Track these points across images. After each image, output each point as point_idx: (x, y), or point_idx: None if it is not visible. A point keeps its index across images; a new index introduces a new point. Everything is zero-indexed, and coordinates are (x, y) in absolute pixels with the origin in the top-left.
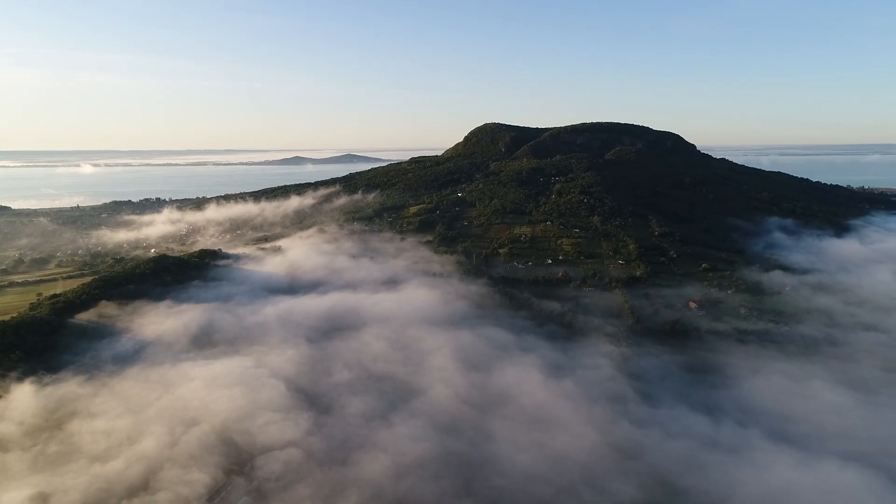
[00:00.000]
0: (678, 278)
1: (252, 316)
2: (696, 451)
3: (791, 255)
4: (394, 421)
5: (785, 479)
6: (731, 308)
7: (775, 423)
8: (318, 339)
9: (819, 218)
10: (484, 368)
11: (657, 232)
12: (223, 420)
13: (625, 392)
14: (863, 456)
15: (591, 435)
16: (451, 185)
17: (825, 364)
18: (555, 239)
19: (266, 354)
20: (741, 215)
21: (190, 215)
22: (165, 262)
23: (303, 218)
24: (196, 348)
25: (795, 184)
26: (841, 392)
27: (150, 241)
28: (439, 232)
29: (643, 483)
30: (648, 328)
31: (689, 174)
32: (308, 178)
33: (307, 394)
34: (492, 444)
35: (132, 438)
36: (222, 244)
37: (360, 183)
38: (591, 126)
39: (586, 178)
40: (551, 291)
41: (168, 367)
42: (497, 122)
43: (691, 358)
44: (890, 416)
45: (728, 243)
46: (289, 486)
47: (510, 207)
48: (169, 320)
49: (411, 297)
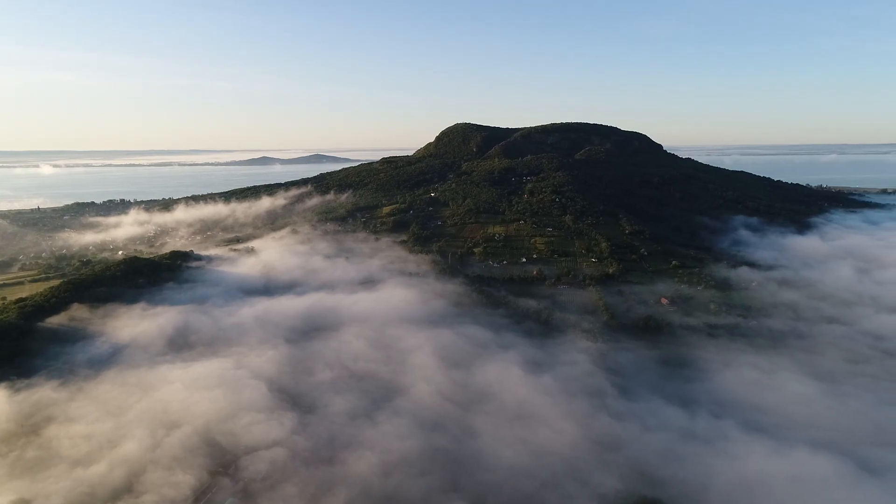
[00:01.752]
0: (649, 275)
1: (229, 317)
2: (674, 442)
3: (756, 251)
4: (378, 419)
5: (759, 467)
6: (702, 304)
7: (748, 413)
8: (298, 339)
9: (782, 216)
10: (465, 366)
11: (628, 230)
12: (205, 422)
13: (603, 387)
14: (831, 443)
15: (571, 429)
16: (423, 185)
17: (792, 356)
18: (528, 238)
19: (245, 356)
20: (708, 213)
21: (158, 216)
22: (137, 265)
23: (275, 218)
24: (173, 351)
25: (758, 183)
26: (808, 383)
27: (117, 243)
28: (414, 232)
29: (624, 474)
30: (623, 324)
31: (656, 173)
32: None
33: (289, 394)
34: (476, 440)
35: (113, 442)
36: (193, 246)
37: (331, 183)
38: (561, 126)
39: (557, 177)
40: (527, 289)
41: (146, 370)
42: (468, 123)
43: (665, 352)
44: (854, 406)
45: (696, 241)
46: (276, 486)
47: (483, 207)
48: (144, 323)
49: (389, 297)
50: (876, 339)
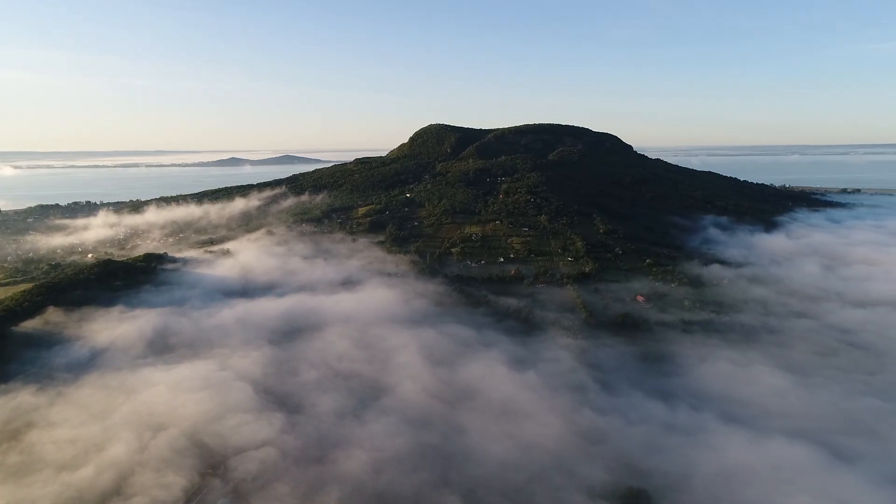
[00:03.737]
0: (625, 273)
1: (209, 319)
2: (656, 434)
3: (726, 249)
4: (366, 418)
5: (739, 457)
6: (676, 300)
7: (725, 406)
8: (281, 340)
9: (749, 215)
10: (449, 364)
11: (602, 230)
12: (192, 423)
13: (585, 382)
14: (804, 433)
15: (557, 423)
16: (398, 185)
17: (764, 350)
18: (505, 238)
19: (229, 357)
20: (678, 213)
21: (128, 218)
22: (112, 267)
23: (249, 220)
24: (154, 353)
25: (726, 183)
26: (780, 375)
27: (86, 245)
28: (391, 232)
29: (609, 466)
30: (601, 321)
31: (628, 174)
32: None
33: (276, 394)
34: (464, 437)
35: (99, 445)
36: (166, 248)
37: (305, 184)
38: (534, 127)
39: (532, 178)
40: (506, 288)
41: (127, 374)
42: (442, 123)
43: (643, 348)
44: (824, 396)
45: (668, 240)
46: (267, 485)
47: (459, 207)
48: (122, 325)
49: (370, 297)
50: (842, 333)
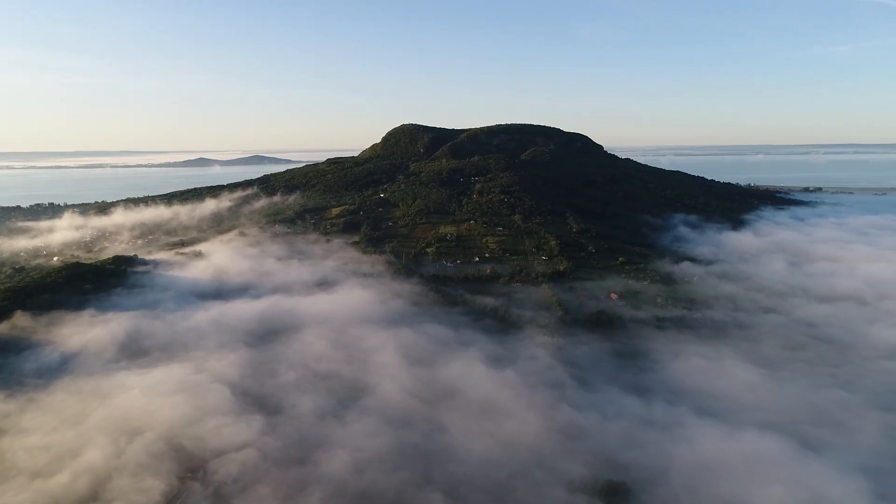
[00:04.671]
0: (598, 272)
1: (183, 322)
2: (633, 429)
3: (696, 247)
4: (347, 418)
5: (714, 450)
6: (649, 297)
7: (699, 400)
8: (257, 342)
9: (717, 213)
10: (428, 363)
11: (575, 229)
12: (170, 427)
13: (562, 379)
14: (775, 425)
15: (536, 420)
16: (372, 185)
17: (735, 345)
18: (479, 237)
19: (204, 360)
20: (649, 212)
21: (94, 220)
22: (81, 270)
23: (220, 221)
24: (127, 357)
25: (694, 182)
26: (751, 369)
27: (51, 248)
28: (365, 233)
29: (588, 461)
30: (576, 319)
31: (599, 173)
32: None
33: (254, 396)
34: (445, 435)
35: (74, 451)
36: (135, 250)
37: (277, 184)
38: (507, 128)
39: (505, 177)
40: (482, 288)
41: (100, 378)
42: (415, 123)
43: (618, 345)
44: (793, 389)
45: (640, 238)
46: (248, 487)
47: (433, 207)
48: (94, 329)
49: (347, 298)
50: (808, 327)
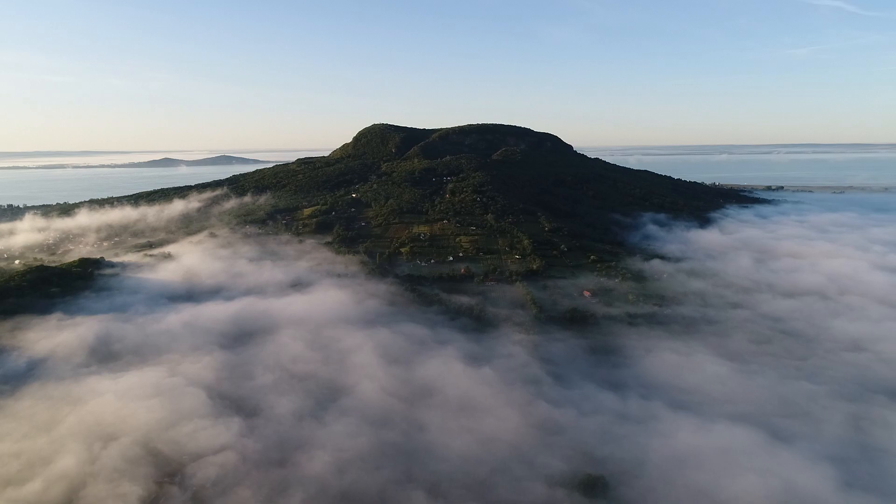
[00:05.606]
0: (571, 270)
1: (155, 325)
2: (609, 423)
3: (665, 245)
4: (326, 419)
5: (688, 442)
6: (621, 295)
7: (672, 394)
8: (232, 344)
9: (685, 212)
10: (405, 362)
11: (547, 227)
12: (145, 432)
13: (539, 376)
14: (745, 416)
15: (514, 417)
16: (343, 185)
17: (705, 340)
18: (453, 237)
19: (178, 363)
20: (619, 210)
21: (57, 222)
22: (46, 273)
23: (189, 222)
24: (98, 361)
25: (661, 181)
26: (721, 363)
27: (13, 251)
28: (338, 233)
29: (567, 456)
30: (551, 316)
31: (569, 173)
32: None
33: (231, 399)
34: (425, 433)
35: (47, 458)
36: (102, 252)
37: (247, 185)
38: (478, 127)
39: (477, 177)
40: (457, 287)
41: (71, 383)
42: (386, 123)
43: (592, 341)
44: (761, 381)
45: (610, 236)
46: (228, 490)
47: (406, 207)
48: (62, 334)
49: (322, 299)
50: (774, 321)
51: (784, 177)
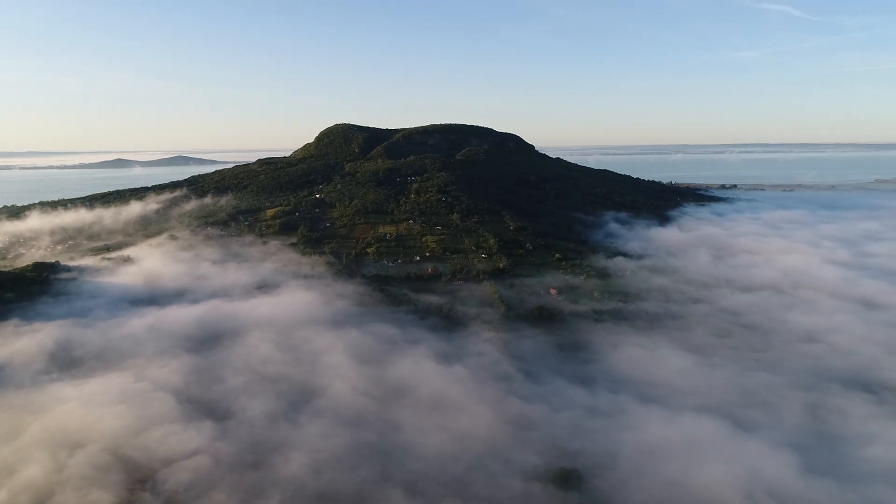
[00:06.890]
0: (536, 268)
1: (118, 330)
2: (580, 418)
3: (627, 243)
4: (300, 420)
5: (657, 434)
6: (586, 292)
7: (639, 387)
8: (199, 348)
9: (645, 210)
10: (377, 362)
11: (512, 227)
12: (113, 438)
13: (510, 373)
14: (710, 408)
15: (487, 413)
16: (307, 186)
17: (668, 334)
18: (419, 237)
19: (144, 368)
20: (581, 209)
21: (6, 225)
22: None
23: (148, 224)
24: (59, 368)
25: (621, 180)
26: (684, 356)
27: None
28: (303, 234)
29: (540, 450)
30: (519, 314)
31: (532, 172)
32: (140, 181)
33: (201, 402)
34: (400, 432)
35: (10, 468)
36: (56, 256)
37: (207, 186)
38: (441, 127)
39: (441, 177)
40: (425, 286)
41: (32, 391)
42: (349, 123)
43: (560, 338)
44: (723, 373)
45: (573, 235)
46: (202, 495)
47: (371, 207)
48: (21, 340)
49: (290, 300)
50: (733, 316)
51: (737, 175)
